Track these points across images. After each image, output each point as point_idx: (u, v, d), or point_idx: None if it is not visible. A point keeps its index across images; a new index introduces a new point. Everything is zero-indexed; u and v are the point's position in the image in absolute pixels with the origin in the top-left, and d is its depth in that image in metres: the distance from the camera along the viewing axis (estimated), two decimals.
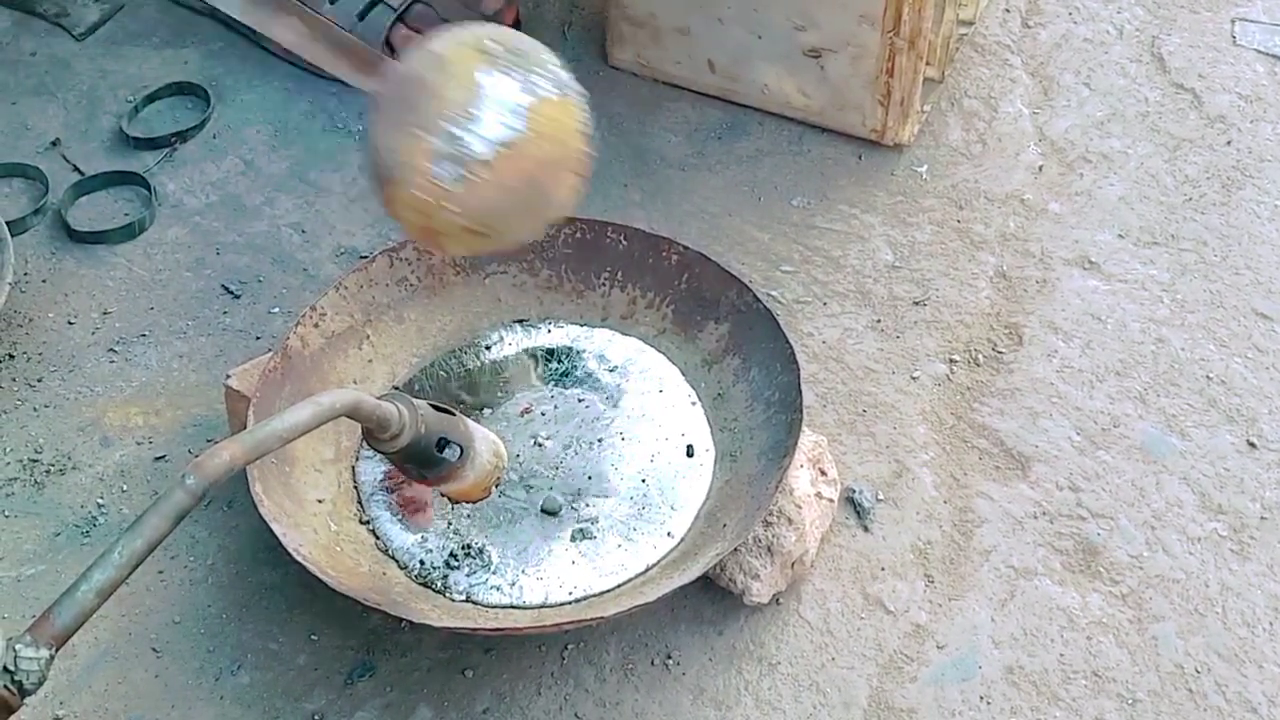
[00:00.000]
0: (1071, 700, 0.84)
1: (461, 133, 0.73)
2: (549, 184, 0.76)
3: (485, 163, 0.73)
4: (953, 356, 1.03)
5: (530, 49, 0.76)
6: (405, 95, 0.75)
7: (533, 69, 0.75)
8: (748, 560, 0.85)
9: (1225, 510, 0.93)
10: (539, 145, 0.75)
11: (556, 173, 0.76)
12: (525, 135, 0.74)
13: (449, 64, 0.75)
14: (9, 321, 1.03)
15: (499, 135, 0.73)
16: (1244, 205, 1.14)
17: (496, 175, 0.74)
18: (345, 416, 0.70)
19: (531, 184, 0.75)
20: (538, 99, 0.74)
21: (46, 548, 0.90)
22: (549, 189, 0.76)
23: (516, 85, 0.74)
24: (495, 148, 0.73)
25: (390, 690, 0.84)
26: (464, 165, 0.73)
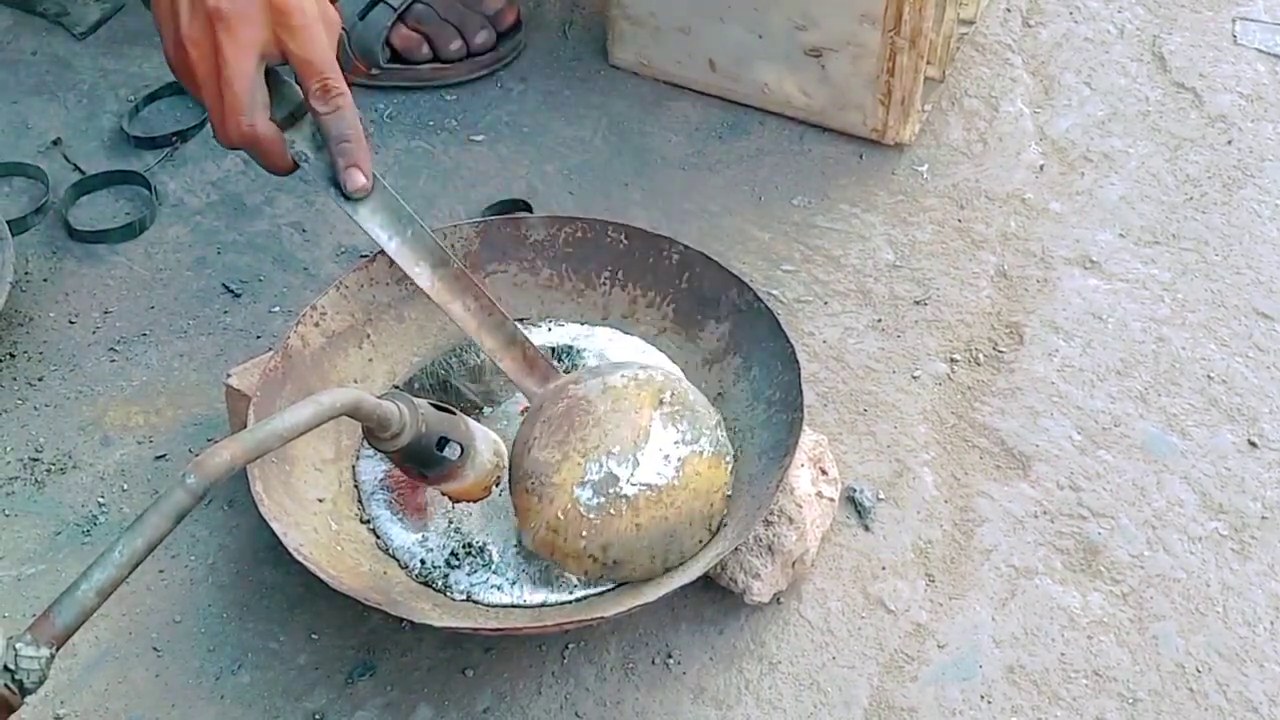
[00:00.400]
0: (1072, 700, 0.84)
1: (621, 471, 0.81)
2: (681, 534, 0.82)
3: (630, 501, 0.81)
4: (953, 356, 1.03)
5: (700, 407, 0.85)
6: (570, 417, 0.82)
7: (698, 426, 0.84)
8: (748, 559, 0.85)
9: (1226, 510, 0.93)
10: (683, 496, 0.82)
11: (690, 523, 0.83)
12: (673, 484, 0.82)
13: (622, 400, 0.83)
14: (10, 320, 1.03)
15: (651, 479, 0.81)
16: (1245, 205, 1.14)
17: (636, 516, 0.81)
18: (346, 415, 0.70)
19: (665, 530, 0.82)
20: (696, 453, 0.83)
21: (47, 547, 0.90)
22: (679, 538, 0.82)
23: (678, 437, 0.83)
24: (641, 489, 0.81)
25: (391, 689, 0.84)
26: (610, 499, 0.81)
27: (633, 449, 0.82)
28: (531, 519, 0.82)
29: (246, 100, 0.78)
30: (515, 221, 0.99)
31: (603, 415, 0.82)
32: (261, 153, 0.81)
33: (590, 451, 0.81)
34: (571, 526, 0.81)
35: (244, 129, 0.79)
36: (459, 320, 0.85)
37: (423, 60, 1.23)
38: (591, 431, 0.82)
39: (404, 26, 1.23)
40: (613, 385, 0.84)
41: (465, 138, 1.20)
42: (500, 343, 0.86)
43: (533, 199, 1.13)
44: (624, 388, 0.84)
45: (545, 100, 1.23)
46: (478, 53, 1.24)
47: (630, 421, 0.82)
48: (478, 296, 0.86)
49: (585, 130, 1.20)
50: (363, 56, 1.21)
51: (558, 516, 0.81)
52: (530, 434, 0.83)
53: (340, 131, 0.80)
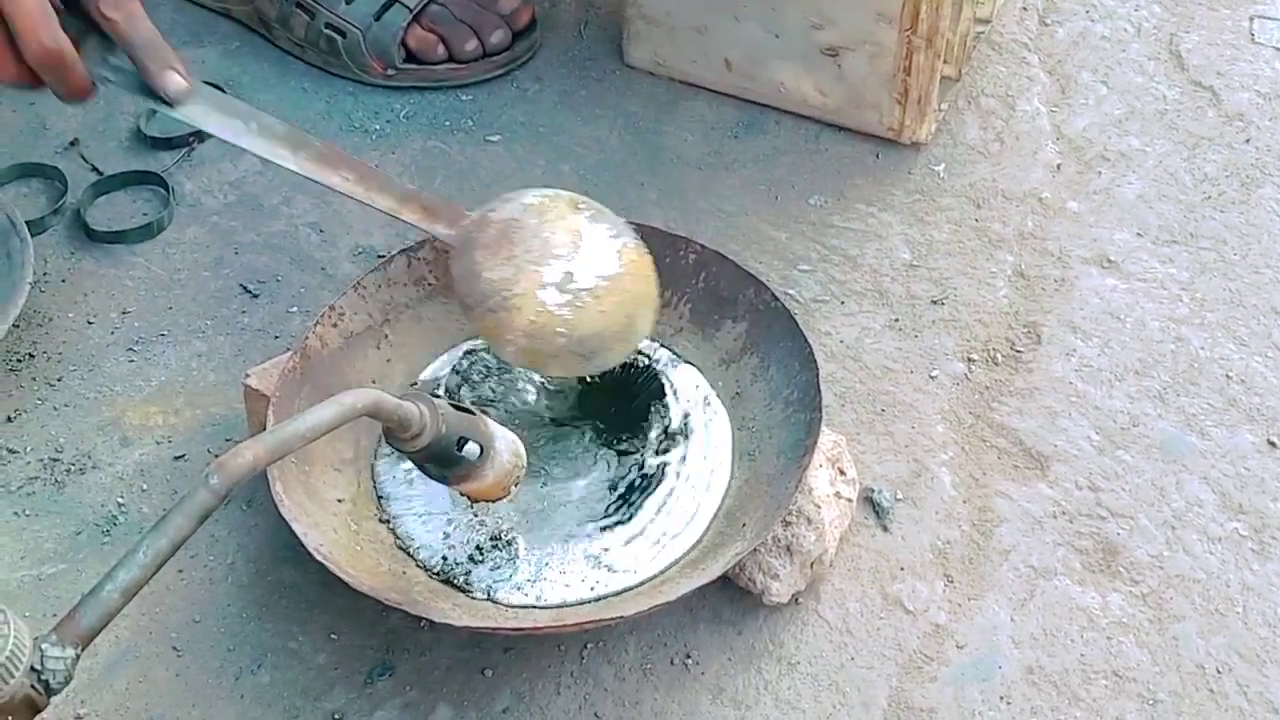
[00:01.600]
0: (1092, 700, 0.84)
1: (572, 267, 0.85)
2: (637, 315, 0.87)
3: (592, 292, 0.84)
4: (971, 355, 1.03)
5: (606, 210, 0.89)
6: (508, 235, 0.86)
7: (616, 223, 0.88)
8: (767, 560, 0.85)
9: (1246, 510, 0.93)
10: (630, 282, 0.86)
11: (642, 306, 0.87)
12: (620, 272, 0.86)
13: (546, 211, 0.87)
14: (29, 321, 1.04)
15: (601, 270, 0.85)
16: (1263, 203, 1.14)
17: (599, 304, 0.84)
18: (367, 416, 0.70)
19: (626, 314, 0.86)
20: (625, 245, 0.87)
21: (67, 547, 0.91)
22: (637, 319, 0.87)
23: (607, 231, 0.87)
24: (598, 280, 0.85)
25: (410, 689, 0.84)
26: (574, 294, 0.84)
27: (574, 249, 0.85)
28: (506, 333, 0.84)
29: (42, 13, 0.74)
30: None
31: (536, 227, 0.86)
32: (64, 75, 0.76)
33: (540, 259, 0.85)
34: (547, 328, 0.83)
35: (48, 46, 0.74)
36: (344, 190, 0.86)
37: (438, 61, 1.23)
38: (532, 242, 0.85)
39: (419, 27, 1.23)
40: (531, 203, 0.88)
41: (481, 138, 1.20)
42: (395, 200, 0.87)
43: None
44: (541, 203, 0.88)
45: (561, 100, 1.23)
46: (493, 53, 1.24)
47: (563, 227, 0.86)
48: (352, 165, 0.87)
49: (601, 130, 1.20)
50: (379, 57, 1.22)
51: (530, 321, 0.83)
52: (472, 262, 0.85)
53: (141, 36, 0.77)
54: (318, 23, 1.23)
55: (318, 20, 1.23)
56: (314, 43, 1.24)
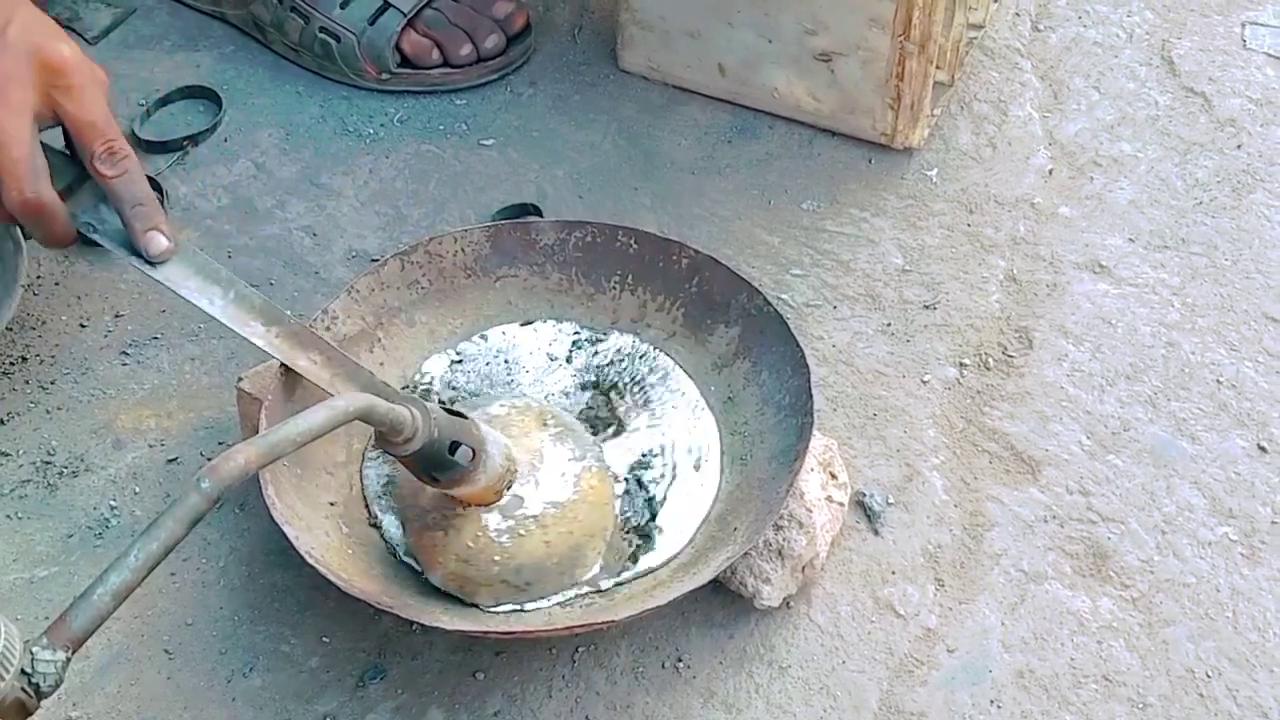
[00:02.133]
0: (1082, 704, 0.84)
1: (523, 491, 0.82)
2: (585, 547, 0.84)
3: (538, 520, 0.82)
4: (963, 360, 1.03)
5: (577, 426, 0.87)
6: None
7: (582, 444, 0.85)
8: (758, 564, 0.85)
9: (1236, 515, 0.93)
10: (584, 511, 0.83)
11: (591, 537, 0.84)
12: (573, 499, 0.83)
13: (510, 427, 0.83)
14: (22, 324, 1.04)
15: (554, 496, 0.82)
16: (1255, 209, 1.14)
17: (544, 534, 0.82)
18: (359, 420, 0.70)
19: (571, 545, 0.83)
20: (586, 468, 0.84)
21: (59, 550, 0.91)
22: (583, 551, 0.83)
23: (569, 454, 0.84)
24: (547, 507, 0.82)
25: (401, 693, 0.84)
26: (518, 521, 0.81)
27: (531, 470, 0.83)
28: (439, 554, 0.82)
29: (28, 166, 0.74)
30: (525, 226, 0.99)
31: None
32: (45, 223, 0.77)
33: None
34: (484, 554, 0.81)
35: (27, 197, 0.75)
36: (307, 374, 0.83)
37: (433, 65, 1.23)
38: None
39: (414, 32, 1.23)
40: (496, 414, 0.85)
41: (475, 142, 1.20)
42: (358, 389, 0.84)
43: (542, 203, 1.14)
44: (507, 415, 0.85)
45: (555, 105, 1.23)
46: (487, 57, 1.24)
47: (523, 445, 0.83)
48: (321, 348, 0.84)
49: (595, 134, 1.20)
50: (373, 61, 1.22)
51: (468, 546, 0.81)
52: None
53: (132, 195, 0.77)
54: (312, 27, 1.23)
55: (312, 24, 1.23)
56: (308, 47, 1.24)
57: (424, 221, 1.12)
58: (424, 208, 1.14)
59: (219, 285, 0.82)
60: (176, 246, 0.80)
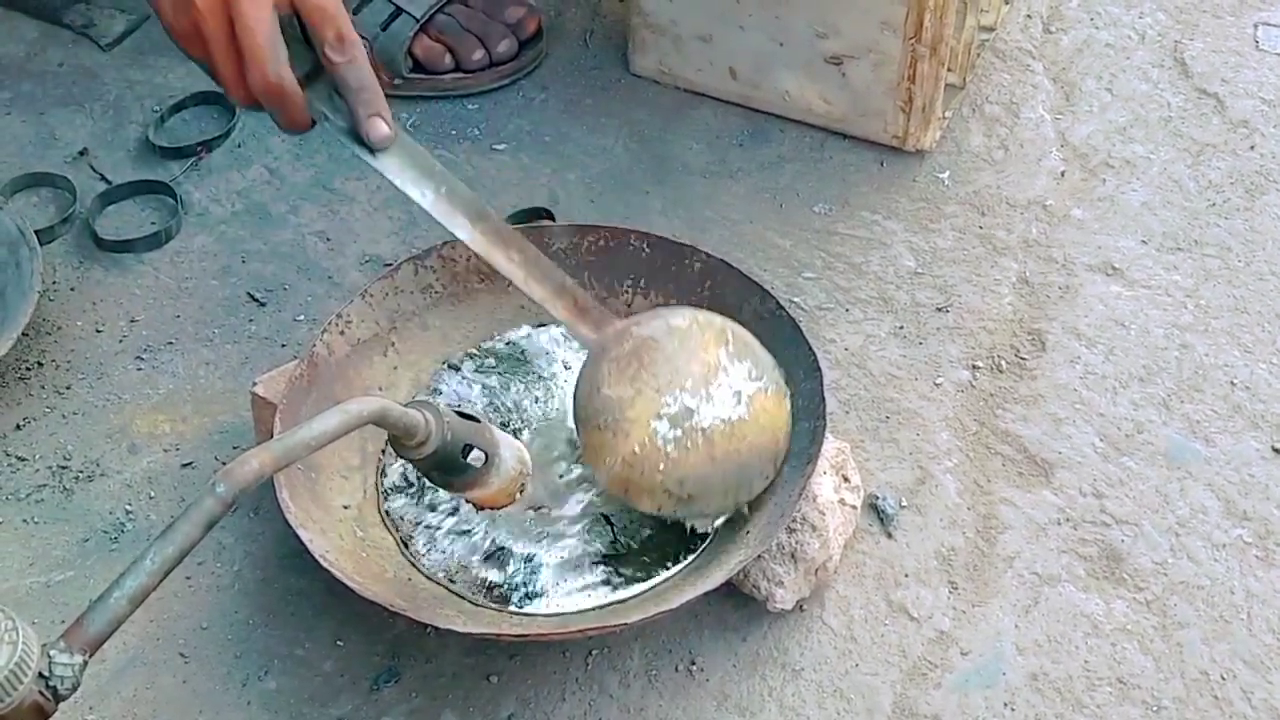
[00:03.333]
0: (1096, 707, 0.84)
1: (695, 404, 0.81)
2: (751, 467, 0.83)
3: (706, 434, 0.81)
4: (975, 363, 1.03)
5: (758, 346, 0.86)
6: (640, 355, 0.83)
7: (761, 365, 0.85)
8: (771, 567, 0.86)
9: (1250, 517, 0.93)
10: (753, 431, 0.82)
11: (760, 459, 0.83)
12: (743, 419, 0.82)
13: (689, 339, 0.84)
14: (38, 330, 1.04)
15: (726, 414, 0.82)
16: (1268, 210, 1.14)
17: (711, 449, 0.81)
18: (372, 424, 0.71)
19: (738, 464, 0.82)
20: (762, 390, 0.83)
21: (75, 554, 0.91)
22: (750, 472, 0.83)
23: (745, 373, 0.83)
24: (717, 421, 0.81)
25: (415, 696, 0.84)
26: (686, 432, 0.81)
27: (704, 384, 0.82)
28: (606, 455, 0.82)
29: (270, 50, 0.76)
30: (538, 230, 1.00)
31: (672, 353, 0.83)
32: (285, 107, 0.79)
33: (663, 386, 0.82)
34: (649, 460, 0.81)
35: (270, 80, 0.77)
36: (505, 271, 0.85)
37: (445, 70, 1.23)
38: (663, 368, 0.82)
39: (426, 37, 1.23)
40: (677, 325, 0.85)
41: (488, 146, 1.20)
42: (550, 291, 0.86)
43: (555, 207, 1.14)
44: (688, 327, 0.85)
45: (567, 109, 1.23)
46: (500, 62, 1.24)
47: (699, 358, 0.83)
48: (522, 248, 0.86)
49: (607, 138, 1.20)
50: (385, 67, 1.22)
51: (634, 451, 0.81)
52: (598, 373, 0.84)
53: (359, 81, 0.79)
54: None
55: None
56: None
57: (437, 226, 1.12)
58: None
59: (433, 179, 0.84)
60: (396, 135, 0.81)
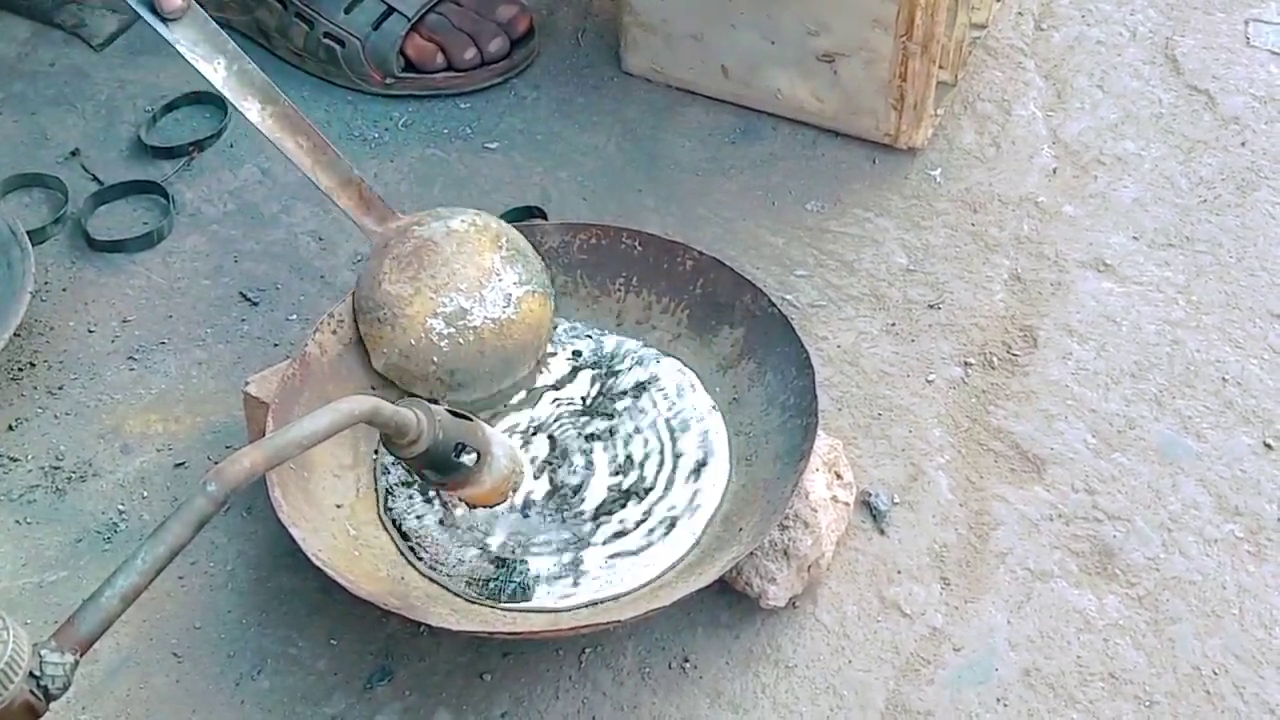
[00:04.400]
0: (1089, 702, 0.84)
1: (469, 305, 0.90)
2: (516, 361, 0.93)
3: (477, 332, 0.91)
4: (967, 359, 1.03)
5: (530, 252, 0.94)
6: (420, 255, 0.91)
7: (531, 268, 0.93)
8: (764, 564, 0.86)
9: (1242, 512, 0.93)
10: (520, 329, 0.92)
11: (524, 352, 0.93)
12: (511, 319, 0.91)
13: (466, 243, 0.92)
14: (30, 330, 1.04)
15: (496, 314, 0.91)
16: (1259, 207, 1.14)
17: (481, 345, 0.91)
18: (364, 423, 0.71)
19: (504, 358, 0.92)
20: (530, 292, 0.92)
21: (68, 554, 0.91)
22: (514, 365, 0.93)
23: (516, 277, 0.92)
24: (486, 321, 0.91)
25: (409, 694, 0.84)
26: (459, 330, 0.90)
27: (479, 287, 0.91)
28: (384, 346, 0.90)
29: None
30: (530, 228, 1.00)
31: (450, 255, 0.91)
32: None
33: (441, 287, 0.90)
34: (423, 353, 0.90)
35: None
36: (292, 156, 0.90)
37: (437, 69, 1.23)
38: (440, 270, 0.91)
39: (418, 36, 1.23)
40: (455, 229, 0.92)
41: (480, 145, 1.20)
42: (336, 181, 0.92)
43: (547, 205, 1.14)
44: (465, 231, 0.92)
45: (559, 107, 1.23)
46: (491, 61, 1.24)
47: (475, 262, 0.91)
48: (309, 134, 0.90)
49: (599, 137, 1.21)
50: (377, 66, 1.22)
51: (410, 344, 0.90)
52: (379, 269, 0.91)
53: None
54: (316, 32, 1.23)
55: (316, 29, 1.23)
56: (313, 52, 1.24)
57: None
58: None
59: (224, 56, 0.87)
60: (189, 6, 0.84)
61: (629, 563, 0.86)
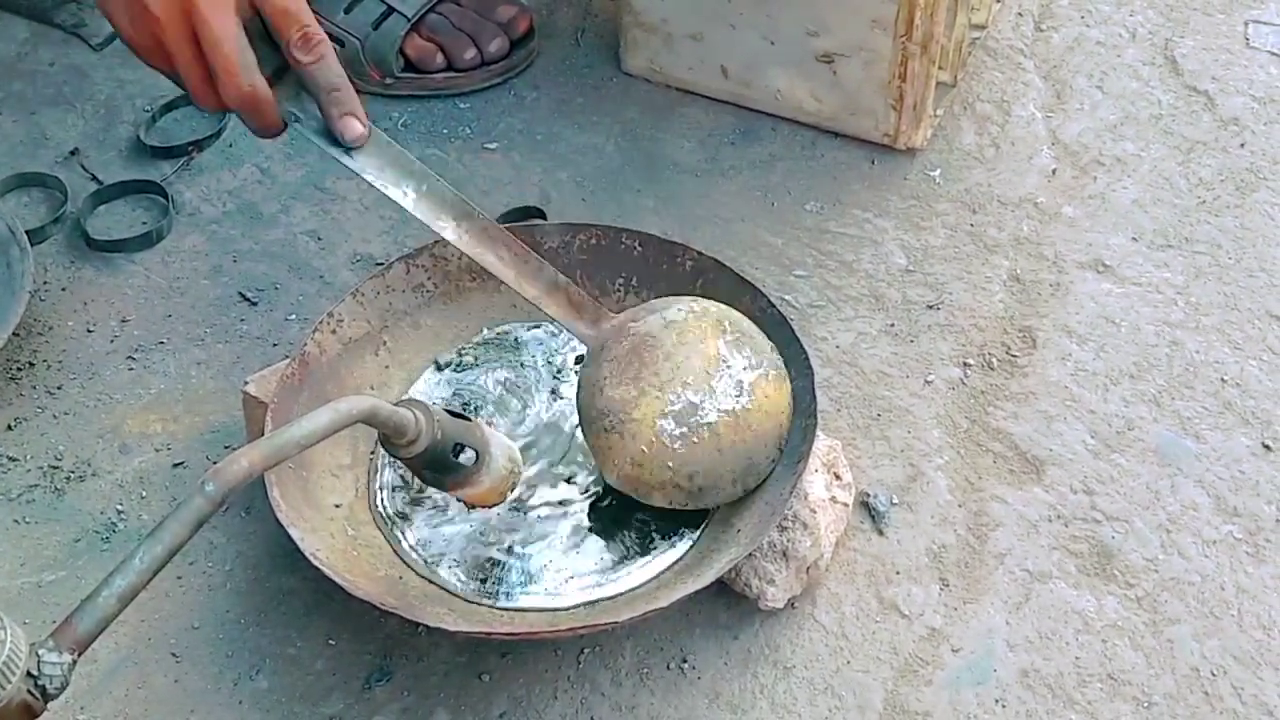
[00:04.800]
0: (1087, 703, 0.84)
1: (699, 399, 0.83)
2: (757, 453, 0.85)
3: (712, 428, 0.83)
4: (967, 360, 1.03)
5: (756, 334, 0.88)
6: (639, 353, 0.84)
7: (759, 351, 0.86)
8: (762, 565, 0.86)
9: (1240, 513, 0.93)
10: (757, 418, 0.84)
11: (765, 444, 0.85)
12: (746, 409, 0.84)
13: (686, 333, 0.85)
14: (29, 330, 1.04)
15: (729, 405, 0.84)
16: (1258, 208, 1.14)
17: (718, 441, 0.83)
18: (362, 423, 0.71)
19: (745, 453, 0.84)
20: (762, 376, 0.85)
21: (67, 554, 0.91)
22: (756, 458, 0.85)
23: (745, 363, 0.85)
24: (721, 415, 0.83)
25: (407, 695, 0.84)
26: (692, 429, 0.83)
27: (706, 378, 0.84)
28: (614, 456, 0.83)
29: (239, 59, 0.76)
30: (529, 228, 1.00)
31: (671, 349, 0.84)
32: (258, 113, 0.79)
33: (666, 384, 0.83)
34: (657, 458, 0.83)
35: (244, 89, 0.77)
36: (496, 271, 0.85)
37: (437, 69, 1.23)
38: (663, 365, 0.84)
39: (418, 36, 1.23)
40: (673, 320, 0.86)
41: (479, 145, 1.20)
42: (542, 289, 0.86)
43: (546, 206, 1.14)
44: (685, 320, 0.86)
45: (558, 108, 1.23)
46: (491, 61, 1.24)
47: (699, 352, 0.84)
48: (510, 245, 0.86)
49: (598, 137, 1.21)
50: (377, 66, 1.22)
51: (642, 450, 0.83)
52: (598, 375, 0.85)
53: (329, 80, 0.78)
54: None
55: None
56: None
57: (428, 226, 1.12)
58: None
59: (413, 177, 0.83)
60: (370, 134, 0.81)
61: (628, 563, 0.86)
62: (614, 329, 0.86)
